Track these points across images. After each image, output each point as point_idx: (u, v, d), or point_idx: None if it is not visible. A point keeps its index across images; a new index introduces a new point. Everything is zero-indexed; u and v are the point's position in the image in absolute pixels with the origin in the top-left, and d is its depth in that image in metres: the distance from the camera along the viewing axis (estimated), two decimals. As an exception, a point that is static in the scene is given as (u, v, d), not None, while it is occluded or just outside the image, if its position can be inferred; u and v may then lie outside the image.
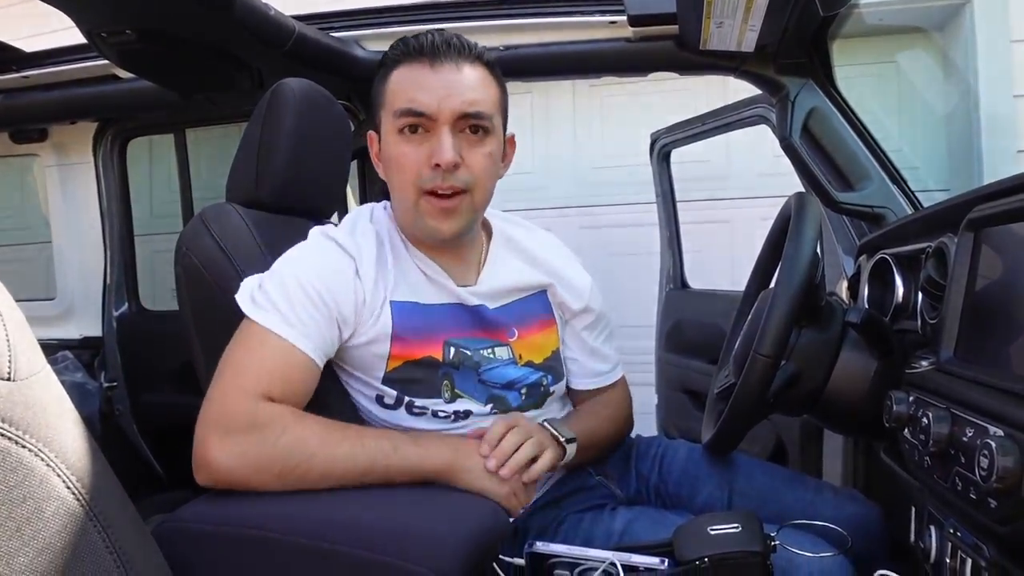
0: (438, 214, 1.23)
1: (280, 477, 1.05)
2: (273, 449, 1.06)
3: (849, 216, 1.93)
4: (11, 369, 0.61)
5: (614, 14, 1.92)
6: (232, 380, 1.11)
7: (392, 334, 1.23)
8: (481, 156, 1.24)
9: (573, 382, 1.49)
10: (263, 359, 1.12)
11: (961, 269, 1.06)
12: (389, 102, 1.24)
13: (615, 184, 4.51)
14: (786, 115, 1.87)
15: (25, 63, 2.36)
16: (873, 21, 3.52)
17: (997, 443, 0.82)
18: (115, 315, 2.91)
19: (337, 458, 1.07)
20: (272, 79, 1.46)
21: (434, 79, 1.21)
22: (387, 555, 0.92)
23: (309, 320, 1.15)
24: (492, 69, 1.27)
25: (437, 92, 1.20)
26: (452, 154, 1.19)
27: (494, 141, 1.26)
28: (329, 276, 1.19)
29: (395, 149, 1.23)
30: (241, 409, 1.09)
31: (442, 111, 1.20)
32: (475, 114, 1.22)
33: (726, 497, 1.41)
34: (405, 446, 1.11)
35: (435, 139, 1.20)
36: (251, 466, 1.06)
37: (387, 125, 1.25)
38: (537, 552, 1.08)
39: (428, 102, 1.20)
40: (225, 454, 1.06)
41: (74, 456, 0.66)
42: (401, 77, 1.23)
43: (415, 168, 1.21)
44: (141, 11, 1.68)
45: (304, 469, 1.05)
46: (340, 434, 1.10)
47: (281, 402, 1.11)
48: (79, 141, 2.88)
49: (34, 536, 0.60)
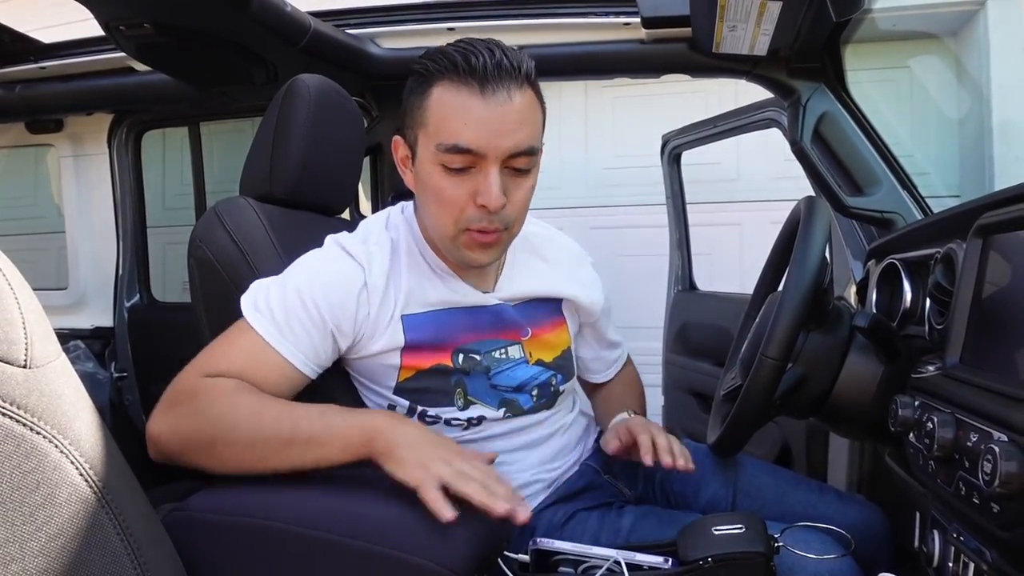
0: (478, 248, 1.19)
1: (210, 447, 1.05)
2: (202, 418, 1.06)
3: (859, 221, 1.93)
4: (27, 357, 0.62)
5: (628, 16, 1.93)
6: (194, 362, 1.14)
7: (403, 347, 1.22)
8: (524, 192, 1.18)
9: (594, 377, 1.57)
10: (239, 350, 1.14)
11: (969, 275, 1.06)
12: (430, 126, 1.14)
13: (626, 185, 4.52)
14: (797, 119, 1.87)
15: (43, 54, 2.37)
16: (886, 26, 3.51)
17: (1001, 448, 0.82)
18: (127, 306, 2.93)
19: (262, 426, 1.04)
20: (287, 74, 1.47)
21: (484, 111, 1.10)
22: (395, 548, 0.93)
23: (302, 332, 1.15)
24: (536, 86, 1.18)
25: (487, 128, 1.10)
26: (502, 198, 1.12)
27: (536, 172, 1.20)
28: (332, 290, 1.17)
29: (435, 180, 1.15)
30: (187, 385, 1.11)
31: (492, 149, 1.11)
32: (526, 151, 1.14)
33: (730, 497, 1.41)
34: (332, 415, 1.05)
35: (481, 177, 1.13)
36: (182, 436, 1.07)
37: (425, 150, 1.16)
38: (542, 549, 1.09)
39: (477, 139, 1.10)
40: (159, 425, 1.09)
41: (88, 444, 0.67)
42: (445, 100, 1.12)
43: (457, 204, 1.14)
44: (159, 5, 1.70)
45: (230, 438, 1.04)
46: (274, 405, 1.08)
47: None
48: (94, 132, 2.90)
49: (47, 521, 0.61)
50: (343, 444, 1.02)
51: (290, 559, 0.96)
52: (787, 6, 1.54)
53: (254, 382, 1.12)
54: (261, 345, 1.13)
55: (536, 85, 1.18)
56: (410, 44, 2.11)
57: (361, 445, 1.02)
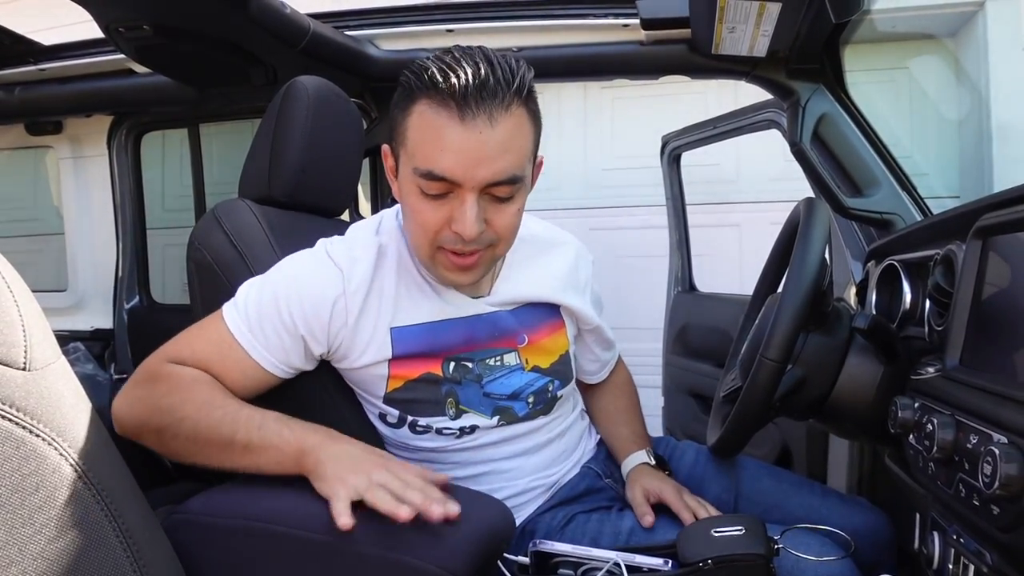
0: (455, 269, 1.16)
1: (158, 433, 1.07)
2: (156, 404, 1.08)
3: (858, 222, 1.93)
4: (27, 359, 0.62)
5: (627, 17, 1.93)
6: (164, 346, 1.16)
7: (391, 359, 1.21)
8: (507, 216, 1.13)
9: (589, 379, 1.56)
10: (207, 342, 1.15)
11: (968, 277, 1.06)
12: (409, 146, 1.11)
13: (625, 186, 4.52)
14: (797, 120, 1.87)
15: (42, 56, 2.37)
16: (885, 28, 3.52)
17: (1001, 450, 0.82)
18: (126, 308, 2.93)
19: (205, 424, 1.04)
20: (286, 76, 1.47)
21: (461, 138, 1.04)
22: (396, 551, 0.93)
23: (272, 334, 1.15)
24: (529, 103, 1.11)
25: (464, 156, 1.05)
26: (476, 227, 1.08)
27: (523, 194, 1.15)
28: (307, 298, 1.16)
29: (411, 201, 1.12)
30: (150, 368, 1.14)
31: (468, 179, 1.06)
32: (507, 180, 1.09)
33: (732, 499, 1.41)
34: (272, 424, 1.04)
35: (457, 203, 1.09)
36: (136, 417, 1.10)
37: (405, 168, 1.12)
38: (541, 551, 1.09)
39: (453, 168, 1.05)
40: (120, 403, 1.12)
41: (87, 446, 0.67)
42: (424, 122, 1.07)
43: (434, 227, 1.11)
44: (158, 7, 1.70)
45: (176, 430, 1.06)
46: (222, 404, 1.07)
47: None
48: (94, 134, 2.89)
49: (46, 524, 0.61)
50: (277, 457, 1.02)
51: (288, 562, 0.96)
52: (786, 7, 1.54)
53: (216, 374, 1.13)
54: (229, 340, 1.14)
55: (530, 100, 1.11)
56: (409, 45, 2.11)
57: (294, 463, 1.02)
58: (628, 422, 1.51)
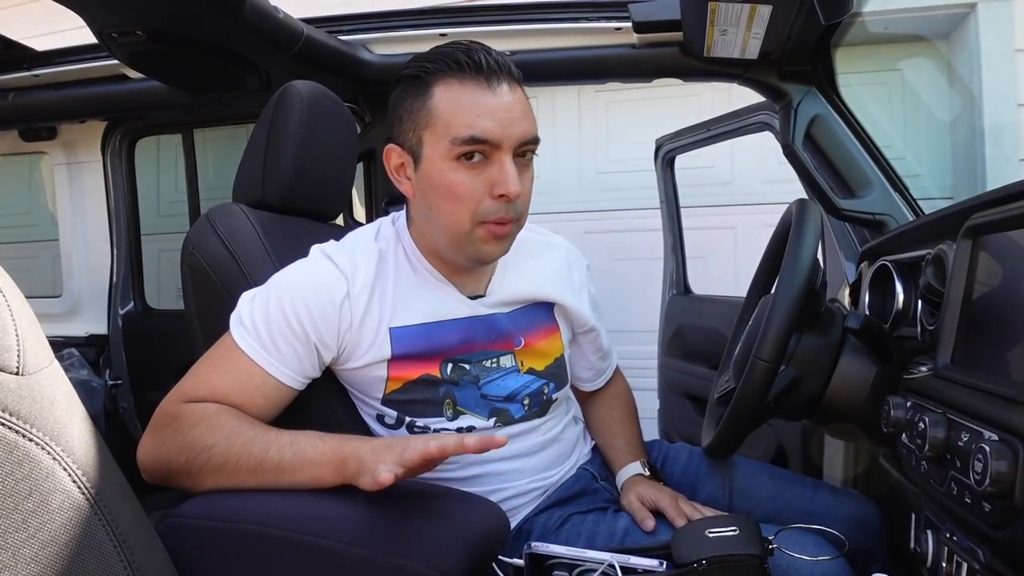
0: (493, 240, 1.20)
1: (187, 468, 1.06)
2: (181, 442, 1.07)
3: (851, 223, 1.93)
4: (20, 364, 0.62)
5: (619, 21, 1.93)
6: (180, 386, 1.15)
7: (390, 359, 1.22)
8: (529, 183, 1.21)
9: (585, 386, 1.57)
10: (223, 372, 1.14)
11: (959, 276, 1.07)
12: (439, 124, 1.16)
13: (620, 189, 4.52)
14: (789, 122, 1.88)
15: (36, 62, 2.37)
16: (877, 29, 3.53)
17: (991, 447, 0.83)
18: (121, 313, 2.93)
19: (235, 451, 1.04)
20: (280, 81, 1.48)
21: (495, 102, 1.14)
22: (389, 554, 0.93)
23: (286, 346, 1.15)
24: (523, 86, 1.22)
25: (500, 118, 1.14)
26: (519, 184, 1.15)
27: (533, 163, 1.23)
28: (314, 304, 1.16)
29: (450, 177, 1.16)
30: (168, 410, 1.12)
31: (506, 138, 1.14)
32: (533, 139, 1.18)
33: (726, 496, 1.42)
34: (304, 440, 1.05)
35: (495, 168, 1.15)
36: (162, 459, 1.08)
37: (435, 148, 1.17)
38: (536, 553, 1.09)
39: (493, 130, 1.13)
40: (144, 451, 1.11)
41: (81, 451, 0.67)
42: (452, 95, 1.15)
43: (474, 198, 1.16)
44: (151, 12, 1.70)
45: (204, 459, 1.05)
46: (248, 429, 1.07)
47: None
48: (88, 140, 2.90)
49: (40, 528, 0.61)
50: (313, 472, 1.03)
51: (284, 565, 0.96)
52: (777, 9, 1.55)
53: (239, 404, 1.12)
54: (246, 363, 1.13)
55: (522, 84, 1.22)
56: (403, 50, 2.11)
57: (334, 473, 1.02)
58: (623, 432, 1.52)
